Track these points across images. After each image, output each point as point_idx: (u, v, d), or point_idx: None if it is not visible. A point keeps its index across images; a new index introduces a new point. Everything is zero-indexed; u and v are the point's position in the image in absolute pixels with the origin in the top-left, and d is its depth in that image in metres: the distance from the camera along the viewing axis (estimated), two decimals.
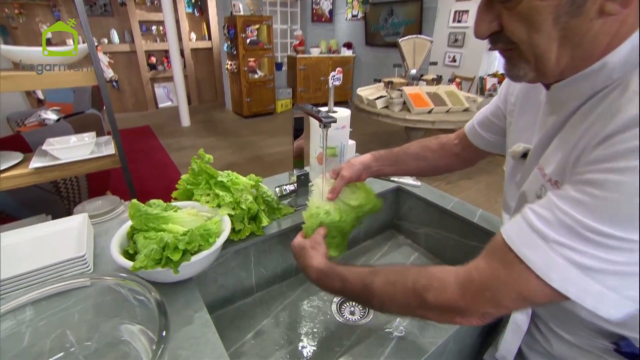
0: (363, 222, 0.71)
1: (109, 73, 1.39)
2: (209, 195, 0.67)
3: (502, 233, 0.36)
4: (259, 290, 0.78)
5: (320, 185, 0.66)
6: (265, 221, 0.71)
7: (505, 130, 0.57)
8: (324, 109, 0.89)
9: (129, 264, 0.50)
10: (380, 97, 2.61)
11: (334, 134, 0.86)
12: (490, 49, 0.40)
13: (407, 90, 2.52)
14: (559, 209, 0.32)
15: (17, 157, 1.26)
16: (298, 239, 0.62)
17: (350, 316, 0.73)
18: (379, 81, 2.92)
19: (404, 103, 2.55)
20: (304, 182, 0.82)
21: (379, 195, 0.93)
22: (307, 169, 0.99)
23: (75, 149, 1.26)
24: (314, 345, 0.65)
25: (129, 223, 0.59)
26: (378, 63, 4.84)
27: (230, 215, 0.65)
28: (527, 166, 0.47)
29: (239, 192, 0.66)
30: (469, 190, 2.58)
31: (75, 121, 1.76)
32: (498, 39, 0.37)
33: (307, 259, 0.56)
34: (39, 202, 1.65)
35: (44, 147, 1.23)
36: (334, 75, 0.83)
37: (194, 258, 0.52)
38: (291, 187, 0.81)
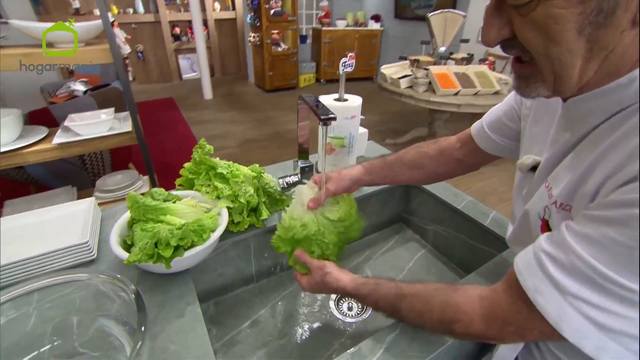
0: (344, 247, 0.66)
1: (126, 49, 1.40)
2: (209, 186, 0.66)
3: (515, 271, 0.34)
4: (259, 279, 0.79)
5: (303, 194, 0.62)
6: (265, 214, 0.70)
7: (520, 135, 0.52)
8: (331, 97, 0.85)
9: (124, 256, 0.51)
10: (405, 76, 2.48)
11: (343, 124, 0.82)
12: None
13: (434, 69, 2.37)
14: (575, 253, 0.29)
15: (43, 131, 1.31)
16: (304, 279, 0.58)
17: (348, 311, 0.72)
18: (405, 59, 2.76)
19: (430, 83, 2.42)
20: (307, 175, 0.80)
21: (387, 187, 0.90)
22: (315, 157, 0.97)
23: (94, 125, 1.29)
24: (307, 339, 0.66)
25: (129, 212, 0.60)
26: (407, 38, 4.57)
27: (229, 208, 0.65)
28: (534, 181, 0.42)
29: (238, 184, 0.65)
30: (491, 179, 2.46)
31: (99, 95, 1.80)
32: (511, 45, 0.32)
33: (332, 286, 0.54)
34: (66, 174, 1.74)
35: (66, 124, 1.27)
36: (345, 62, 0.78)
37: (187, 253, 0.53)
38: (295, 178, 0.80)
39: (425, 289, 0.44)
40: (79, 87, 2.68)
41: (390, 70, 2.64)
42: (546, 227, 0.38)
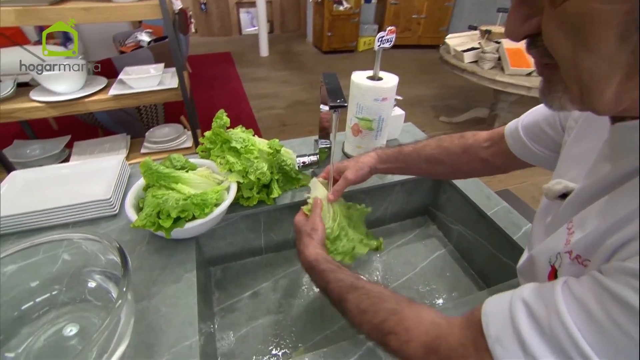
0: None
1: (177, 5, 1.41)
2: (224, 158, 0.67)
3: (482, 311, 0.29)
4: (267, 252, 0.81)
5: (319, 189, 0.62)
6: (276, 192, 0.69)
7: (560, 147, 0.42)
8: (365, 73, 0.78)
9: (133, 219, 0.55)
10: (471, 49, 2.21)
11: (372, 105, 0.76)
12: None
13: (507, 43, 2.07)
14: (559, 315, 0.24)
15: (103, 82, 1.42)
16: (298, 218, 0.59)
17: None
18: (475, 28, 2.44)
19: (499, 59, 2.13)
20: (327, 155, 0.77)
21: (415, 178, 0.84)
22: (341, 135, 0.93)
23: (144, 79, 1.36)
24: (302, 319, 0.67)
25: None
26: (485, 3, 4.01)
27: (239, 183, 0.65)
28: (561, 213, 0.35)
29: (250, 161, 0.64)
30: (541, 176, 2.15)
31: (156, 48, 1.88)
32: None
33: (301, 245, 0.54)
34: (125, 123, 1.90)
35: (120, 76, 1.36)
36: (383, 37, 0.70)
37: (188, 225, 0.55)
38: (313, 158, 0.77)
39: (381, 291, 0.41)
40: (144, 37, 2.83)
41: (456, 40, 2.37)
42: (554, 277, 0.32)
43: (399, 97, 0.91)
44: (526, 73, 2.01)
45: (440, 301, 0.72)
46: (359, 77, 0.77)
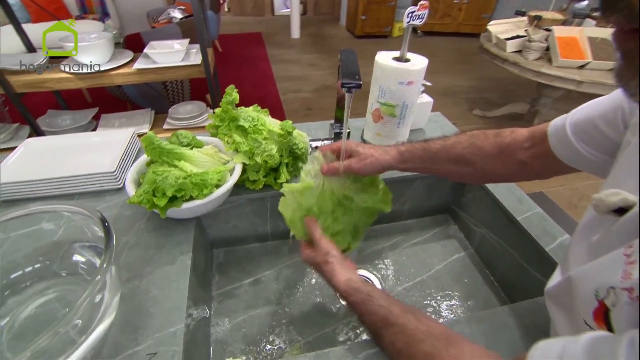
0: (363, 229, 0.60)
1: None
2: (230, 137, 0.63)
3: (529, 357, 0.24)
4: (273, 239, 0.77)
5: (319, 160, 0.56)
6: (284, 177, 0.65)
7: (617, 149, 0.34)
8: (392, 54, 0.71)
9: (131, 194, 0.53)
10: (516, 37, 2.02)
11: (396, 89, 0.69)
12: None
13: (559, 31, 1.87)
14: None
15: (129, 56, 1.42)
16: (307, 253, 0.52)
17: None
18: (523, 14, 2.23)
19: (547, 49, 1.94)
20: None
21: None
22: (361, 121, 0.87)
23: (168, 54, 1.35)
24: (302, 314, 0.64)
25: None
26: None
27: (245, 164, 0.62)
28: (615, 233, 0.28)
29: (257, 141, 0.60)
30: (583, 180, 1.96)
31: (184, 24, 1.87)
32: (618, 4, 0.18)
33: (327, 276, 0.49)
34: (151, 98, 1.92)
35: (145, 50, 1.35)
36: (413, 13, 0.63)
37: (185, 205, 0.52)
38: (327, 143, 0.72)
39: (417, 327, 0.36)
40: (177, 14, 2.84)
41: (499, 27, 2.18)
42: (603, 316, 0.25)
43: (427, 83, 0.83)
44: (578, 65, 1.82)
45: (452, 309, 0.66)
46: (384, 58, 0.70)
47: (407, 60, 0.70)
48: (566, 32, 1.87)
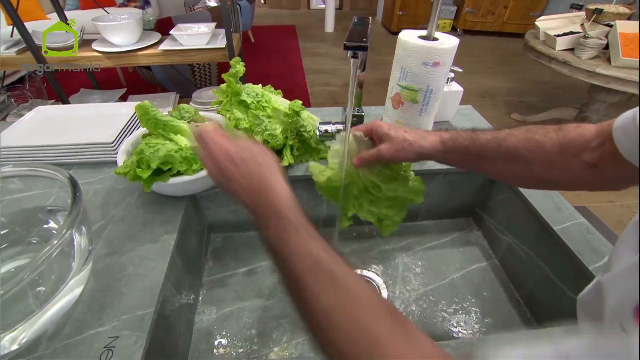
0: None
1: None
2: (232, 113, 0.58)
3: None
4: None
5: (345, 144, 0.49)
6: (287, 160, 0.60)
7: None
8: (417, 32, 0.63)
9: (119, 165, 0.49)
10: (568, 33, 1.84)
11: (419, 71, 0.61)
12: None
13: (623, 26, 1.66)
14: None
15: (155, 37, 1.43)
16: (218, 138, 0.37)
17: None
18: (579, 8, 2.02)
19: (606, 47, 1.74)
20: (355, 125, 0.64)
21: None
22: (378, 109, 0.79)
23: (194, 37, 1.33)
24: (292, 311, 0.58)
25: None
26: None
27: None
28: None
29: (259, 118, 0.55)
30: (632, 198, 1.71)
31: (215, 10, 1.87)
32: None
33: (262, 173, 0.35)
34: (179, 82, 1.94)
35: (172, 32, 1.35)
36: None
37: (172, 180, 0.48)
38: (339, 127, 0.65)
39: (370, 297, 0.26)
40: (212, 2, 2.87)
41: (550, 23, 1.99)
42: None
43: (457, 69, 0.74)
44: None
45: (467, 325, 0.58)
46: (408, 35, 0.62)
47: (435, 39, 0.62)
48: (631, 27, 1.66)
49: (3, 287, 0.30)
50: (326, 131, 0.63)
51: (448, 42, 0.60)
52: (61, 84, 1.43)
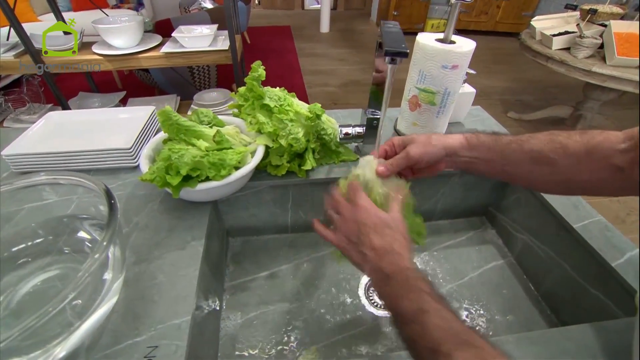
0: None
1: None
2: (254, 117, 0.58)
3: None
4: (293, 231, 0.72)
5: (370, 164, 0.47)
6: (309, 164, 0.60)
7: None
8: (434, 35, 0.64)
9: (144, 171, 0.49)
10: (564, 32, 1.87)
11: (438, 74, 0.62)
12: None
13: (617, 26, 1.70)
14: None
15: (157, 40, 1.41)
16: (370, 207, 0.41)
17: (378, 300, 0.61)
18: (574, 8, 2.06)
19: (601, 47, 1.77)
20: (375, 127, 0.64)
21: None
22: (395, 111, 0.80)
23: (196, 39, 1.32)
24: (320, 314, 0.58)
25: None
26: None
27: (268, 147, 0.56)
28: None
29: (283, 122, 0.55)
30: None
31: (213, 11, 1.85)
32: None
33: (399, 246, 0.38)
34: (178, 85, 1.92)
35: (173, 34, 1.34)
36: None
37: (200, 186, 0.47)
38: (358, 130, 0.65)
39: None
40: (207, 4, 2.85)
41: (545, 23, 2.02)
42: None
43: (471, 71, 0.75)
44: (637, 65, 1.65)
45: (489, 325, 0.58)
46: (426, 39, 0.63)
47: (452, 42, 0.62)
48: (625, 27, 1.70)
49: (50, 305, 0.29)
50: (347, 134, 0.64)
51: (466, 46, 0.61)
52: (58, 87, 1.40)
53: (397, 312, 0.33)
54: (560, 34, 1.87)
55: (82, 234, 0.44)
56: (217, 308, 0.55)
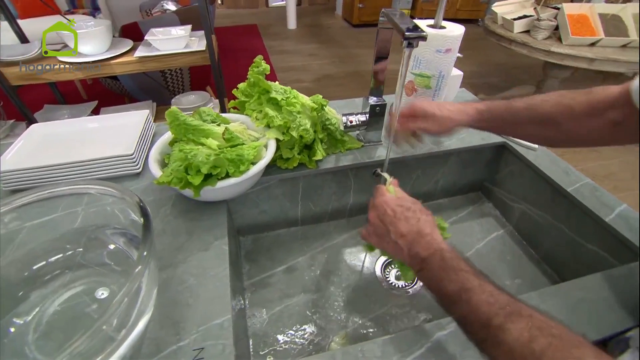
0: None
1: None
2: (260, 112, 0.58)
3: None
4: (303, 224, 0.72)
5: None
6: (320, 154, 0.60)
7: None
8: (424, 22, 0.66)
9: (158, 174, 0.47)
10: (523, 16, 1.98)
11: (432, 58, 0.64)
12: None
13: (569, 8, 1.83)
14: None
15: (128, 44, 1.35)
16: (388, 198, 0.43)
17: (395, 280, 0.63)
18: None
19: (556, 28, 1.89)
20: (378, 114, 0.66)
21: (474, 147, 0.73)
22: (390, 97, 0.81)
23: (171, 41, 1.28)
24: (343, 301, 0.59)
25: None
26: None
27: (278, 140, 0.56)
28: None
29: (292, 114, 0.55)
30: (610, 160, 1.96)
31: (182, 12, 1.79)
32: None
33: (412, 224, 0.39)
34: (151, 90, 1.85)
35: (146, 37, 1.28)
36: None
37: (220, 184, 0.46)
38: (362, 118, 0.66)
39: (565, 330, 0.27)
40: (170, 6, 2.74)
41: (505, 8, 2.13)
42: None
43: (459, 55, 0.78)
44: (589, 43, 1.77)
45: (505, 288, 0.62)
46: (420, 25, 0.65)
47: (443, 28, 0.65)
48: (576, 9, 1.83)
49: (93, 329, 0.27)
50: (351, 122, 0.65)
51: (456, 30, 0.64)
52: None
53: (441, 294, 0.34)
54: (520, 17, 1.98)
55: (102, 245, 0.42)
56: (243, 307, 0.55)
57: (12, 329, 0.35)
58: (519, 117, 0.46)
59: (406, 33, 0.39)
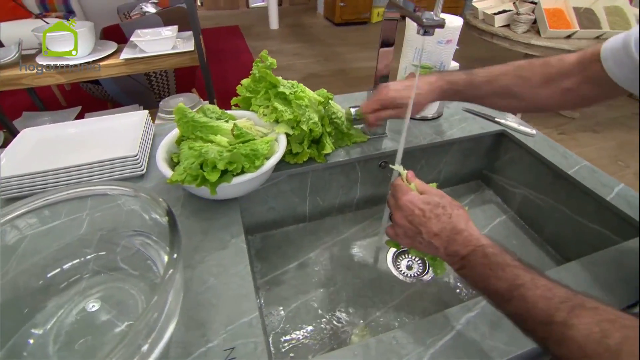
0: None
1: None
2: (267, 107, 0.57)
3: None
4: (311, 220, 0.72)
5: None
6: (329, 148, 0.60)
7: None
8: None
9: (169, 174, 0.46)
10: (503, 11, 2.04)
11: (434, 50, 0.65)
12: None
13: (545, 2, 1.89)
14: None
15: (113, 47, 1.31)
16: (413, 197, 0.41)
17: (406, 270, 0.64)
18: None
19: (535, 22, 1.96)
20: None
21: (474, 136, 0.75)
22: None
23: (158, 42, 1.25)
24: (357, 293, 0.59)
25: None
26: None
27: (287, 135, 0.56)
28: None
29: (301, 108, 0.55)
30: (588, 147, 2.06)
31: (165, 13, 1.76)
32: None
33: (459, 222, 0.37)
34: (136, 94, 1.80)
35: (132, 39, 1.25)
36: None
37: (235, 180, 0.45)
38: None
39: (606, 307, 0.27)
40: (150, 8, 2.67)
41: (485, 3, 2.19)
42: None
43: (457, 47, 0.79)
44: (566, 35, 1.84)
45: None
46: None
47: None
48: (552, 3, 1.90)
49: (122, 344, 0.26)
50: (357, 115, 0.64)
51: (456, 21, 0.65)
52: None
53: (489, 292, 0.32)
54: (500, 12, 2.04)
55: (117, 249, 0.40)
56: (260, 306, 0.54)
57: (31, 340, 0.33)
58: (480, 91, 0.51)
59: (424, 21, 0.39)
